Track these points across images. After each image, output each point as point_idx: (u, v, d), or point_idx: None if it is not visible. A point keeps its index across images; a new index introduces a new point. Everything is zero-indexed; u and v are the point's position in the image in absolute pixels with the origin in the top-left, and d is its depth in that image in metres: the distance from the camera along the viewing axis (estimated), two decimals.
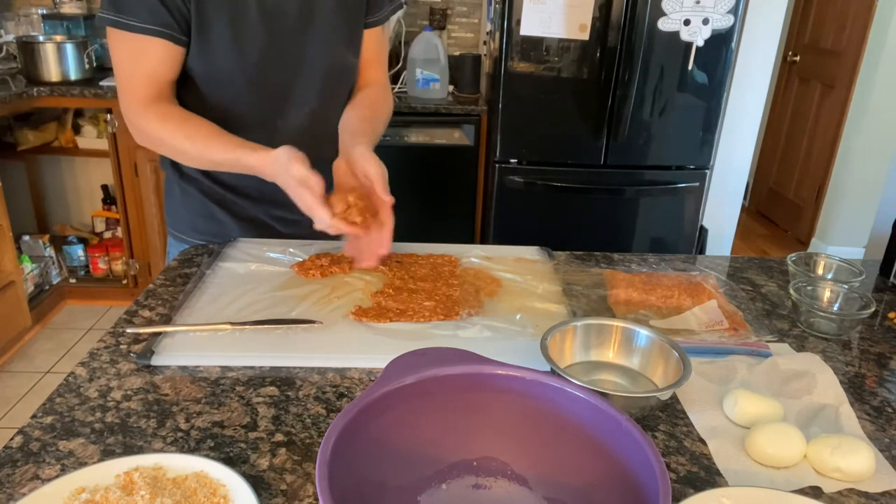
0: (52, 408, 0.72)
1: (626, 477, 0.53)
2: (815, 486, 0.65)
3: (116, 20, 0.98)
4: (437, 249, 1.15)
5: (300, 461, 0.66)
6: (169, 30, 0.99)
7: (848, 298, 0.98)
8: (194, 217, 1.20)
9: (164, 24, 0.98)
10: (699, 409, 0.76)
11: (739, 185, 3.02)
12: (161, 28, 0.98)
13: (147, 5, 0.97)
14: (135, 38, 0.98)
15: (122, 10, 0.97)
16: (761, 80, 2.85)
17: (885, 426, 0.75)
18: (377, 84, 1.23)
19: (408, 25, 3.03)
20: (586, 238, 2.73)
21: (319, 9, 1.08)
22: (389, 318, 0.92)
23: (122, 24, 0.98)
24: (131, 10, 0.97)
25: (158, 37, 0.99)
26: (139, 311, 0.93)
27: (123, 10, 0.97)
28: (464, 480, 0.61)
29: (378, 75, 1.24)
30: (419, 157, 2.77)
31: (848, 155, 3.54)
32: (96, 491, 0.58)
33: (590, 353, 0.82)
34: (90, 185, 3.19)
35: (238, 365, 0.81)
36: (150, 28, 0.98)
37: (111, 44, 1.02)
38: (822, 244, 3.70)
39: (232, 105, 1.09)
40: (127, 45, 1.00)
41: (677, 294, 1.01)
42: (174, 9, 0.98)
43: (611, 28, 2.41)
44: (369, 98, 1.20)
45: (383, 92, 1.24)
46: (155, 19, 0.98)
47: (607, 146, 2.59)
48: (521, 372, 0.60)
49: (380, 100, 1.21)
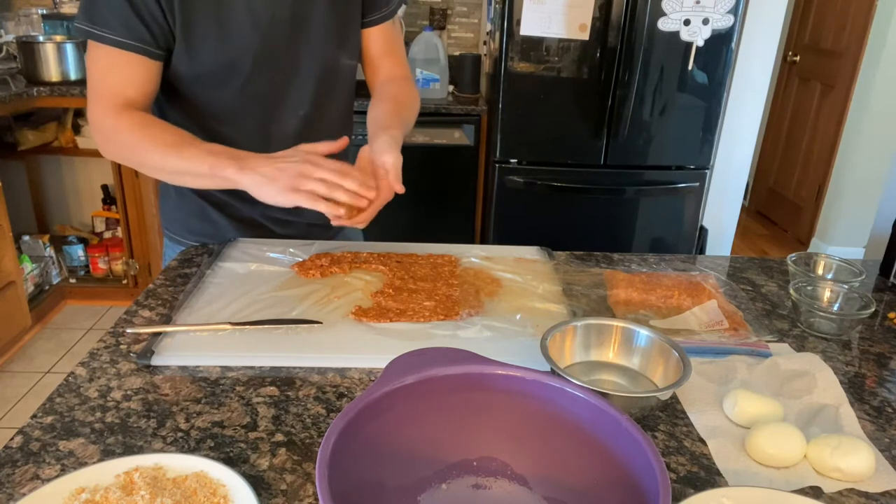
0: (52, 408, 0.72)
1: (626, 477, 0.53)
2: (815, 486, 0.65)
3: (90, 31, 0.95)
4: (437, 249, 1.15)
5: (300, 461, 0.66)
6: (144, 44, 0.96)
7: (848, 298, 0.98)
8: (189, 218, 1.20)
9: (139, 39, 0.95)
10: (699, 409, 0.76)
11: (739, 184, 3.02)
12: (136, 42, 0.95)
13: (122, 18, 0.94)
14: (108, 50, 0.95)
15: (97, 21, 0.94)
16: (761, 80, 2.85)
17: (885, 426, 0.75)
18: (396, 77, 1.20)
19: (408, 25, 3.03)
20: (586, 238, 2.73)
21: (311, 14, 1.06)
22: (389, 318, 0.92)
23: (96, 35, 0.95)
24: (105, 22, 0.94)
25: (133, 51, 0.96)
26: (139, 311, 0.93)
27: (97, 21, 0.94)
28: (464, 480, 0.61)
29: (395, 68, 1.21)
30: (419, 157, 2.77)
31: (848, 155, 3.54)
32: (96, 491, 0.58)
33: (590, 353, 0.82)
34: (90, 185, 3.19)
35: (238, 365, 0.81)
36: (125, 42, 0.95)
37: (88, 53, 0.99)
38: (822, 244, 3.70)
39: (224, 110, 1.07)
40: (102, 57, 0.97)
41: (677, 294, 1.01)
42: (151, 22, 0.95)
43: (611, 28, 2.41)
44: (390, 91, 1.17)
45: (404, 83, 1.20)
46: (130, 33, 0.95)
47: (607, 146, 2.59)
48: (521, 372, 0.60)
49: (402, 91, 1.18)
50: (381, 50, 1.19)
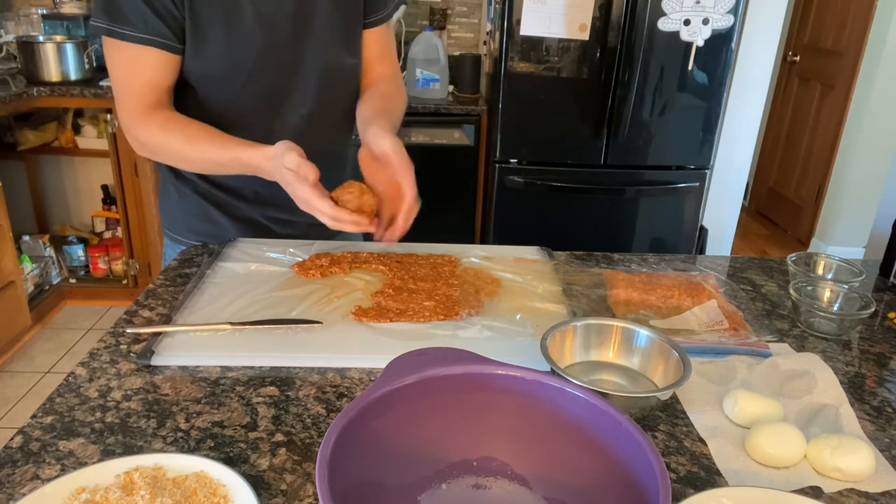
0: (52, 408, 0.72)
1: (626, 477, 0.53)
2: (815, 486, 0.65)
3: (110, 29, 0.96)
4: (437, 249, 1.15)
5: (300, 461, 0.66)
6: (164, 38, 0.98)
7: (848, 298, 0.98)
8: (189, 218, 1.20)
9: (158, 34, 0.97)
10: (699, 409, 0.76)
11: (739, 185, 3.02)
12: (156, 37, 0.97)
13: (141, 15, 0.96)
14: (130, 47, 0.97)
15: (116, 18, 0.96)
16: (761, 80, 2.85)
17: (885, 426, 0.75)
18: (387, 78, 1.22)
19: (408, 25, 3.03)
20: (586, 238, 2.73)
21: (315, 11, 1.07)
22: (389, 318, 0.92)
23: (117, 33, 0.96)
24: (125, 19, 0.96)
25: (154, 46, 0.98)
26: (139, 311, 0.93)
27: (117, 18, 0.96)
28: (464, 480, 0.61)
29: (387, 69, 1.23)
30: (419, 157, 2.73)
31: (848, 155, 3.54)
32: (96, 491, 0.58)
33: (590, 353, 0.82)
34: (90, 185, 3.19)
35: (238, 365, 0.81)
36: (146, 38, 0.97)
37: (106, 52, 1.00)
38: (822, 244, 3.70)
39: (228, 107, 1.08)
40: (122, 54, 0.99)
41: (677, 294, 1.01)
42: (168, 16, 0.97)
43: (611, 28, 2.41)
44: (380, 91, 1.18)
45: (394, 84, 1.22)
46: (149, 29, 0.96)
47: (607, 146, 2.59)
48: (521, 372, 0.60)
49: (391, 91, 1.20)
50: (375, 51, 1.20)
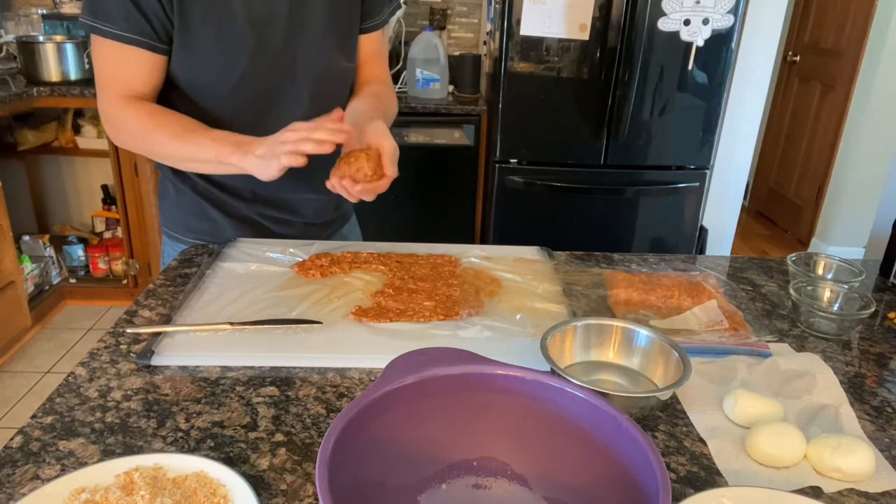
0: (52, 408, 0.72)
1: (626, 477, 0.53)
2: (815, 486, 0.65)
3: (94, 26, 0.97)
4: (437, 249, 1.15)
5: (300, 461, 0.66)
6: (146, 38, 0.98)
7: (848, 298, 0.98)
8: (187, 216, 1.20)
9: (141, 33, 0.97)
10: (699, 409, 0.76)
11: (739, 184, 3.02)
12: (138, 36, 0.97)
13: (123, 12, 0.96)
14: (113, 45, 0.98)
15: (100, 15, 0.96)
16: (761, 80, 2.85)
17: (885, 426, 0.75)
18: (379, 80, 1.23)
19: (408, 25, 3.03)
20: (586, 238, 2.73)
21: (310, 14, 1.07)
22: (389, 318, 0.92)
23: (100, 30, 0.97)
24: (108, 16, 0.96)
25: (136, 45, 0.98)
26: (139, 311, 0.93)
27: (100, 15, 0.96)
28: (464, 480, 0.61)
29: (379, 72, 1.24)
30: (419, 157, 2.77)
31: (848, 155, 3.54)
32: (96, 491, 0.58)
33: (590, 353, 0.82)
34: (90, 185, 3.19)
35: (238, 365, 0.81)
36: (128, 36, 0.97)
37: (92, 47, 1.01)
38: (822, 244, 3.70)
39: (219, 110, 1.08)
40: (106, 51, 1.00)
41: (677, 294, 1.01)
42: (152, 16, 0.97)
43: (611, 28, 2.41)
44: (373, 91, 1.19)
45: (386, 87, 1.24)
46: (132, 27, 0.97)
47: (607, 146, 2.59)
48: (521, 372, 0.60)
49: (384, 93, 1.21)
50: (368, 55, 1.21)
